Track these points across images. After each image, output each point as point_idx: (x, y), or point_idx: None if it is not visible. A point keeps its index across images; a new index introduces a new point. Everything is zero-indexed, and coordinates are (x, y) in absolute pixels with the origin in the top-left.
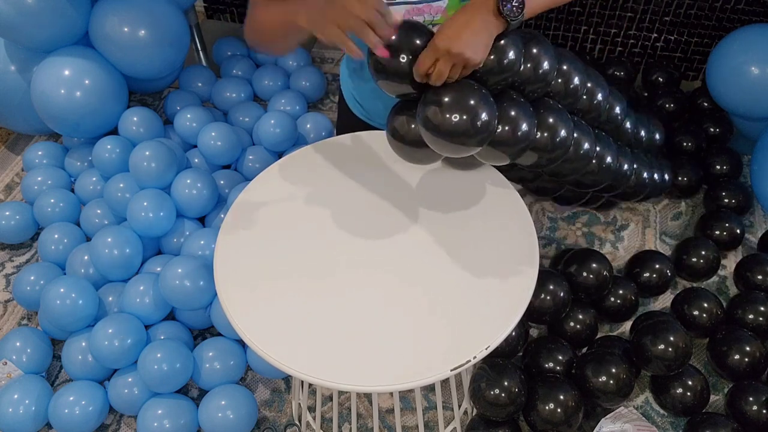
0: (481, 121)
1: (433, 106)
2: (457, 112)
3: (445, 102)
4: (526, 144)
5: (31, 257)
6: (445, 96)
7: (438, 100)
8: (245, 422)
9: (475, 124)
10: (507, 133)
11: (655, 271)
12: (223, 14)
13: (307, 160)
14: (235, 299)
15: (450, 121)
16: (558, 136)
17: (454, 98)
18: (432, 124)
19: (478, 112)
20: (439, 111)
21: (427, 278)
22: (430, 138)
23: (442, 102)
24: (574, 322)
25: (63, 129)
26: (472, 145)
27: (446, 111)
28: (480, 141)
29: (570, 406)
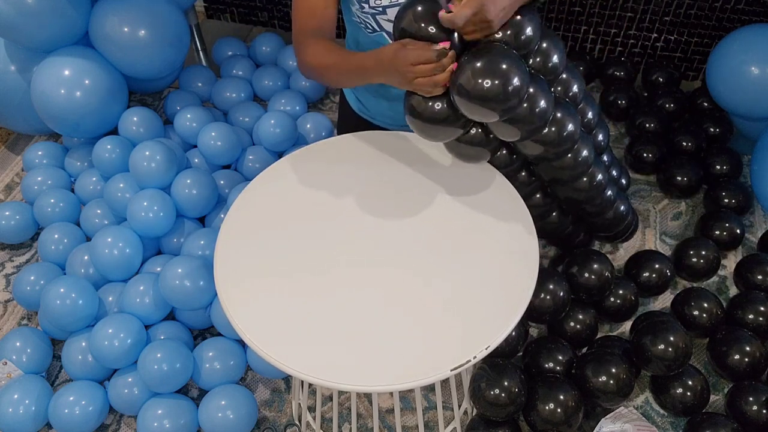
0: (513, 86)
1: (467, 71)
2: (490, 77)
3: (478, 67)
4: (542, 123)
5: (31, 257)
6: (478, 61)
7: (471, 65)
8: (245, 422)
9: (507, 89)
10: (525, 111)
11: (654, 271)
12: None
13: (307, 160)
14: (235, 299)
15: (482, 86)
16: (565, 130)
17: (487, 63)
18: (465, 89)
19: (510, 77)
20: (472, 76)
21: (427, 278)
22: (463, 104)
23: (475, 67)
24: (573, 322)
25: (63, 129)
26: (504, 110)
27: (479, 76)
28: (512, 106)
29: (570, 406)
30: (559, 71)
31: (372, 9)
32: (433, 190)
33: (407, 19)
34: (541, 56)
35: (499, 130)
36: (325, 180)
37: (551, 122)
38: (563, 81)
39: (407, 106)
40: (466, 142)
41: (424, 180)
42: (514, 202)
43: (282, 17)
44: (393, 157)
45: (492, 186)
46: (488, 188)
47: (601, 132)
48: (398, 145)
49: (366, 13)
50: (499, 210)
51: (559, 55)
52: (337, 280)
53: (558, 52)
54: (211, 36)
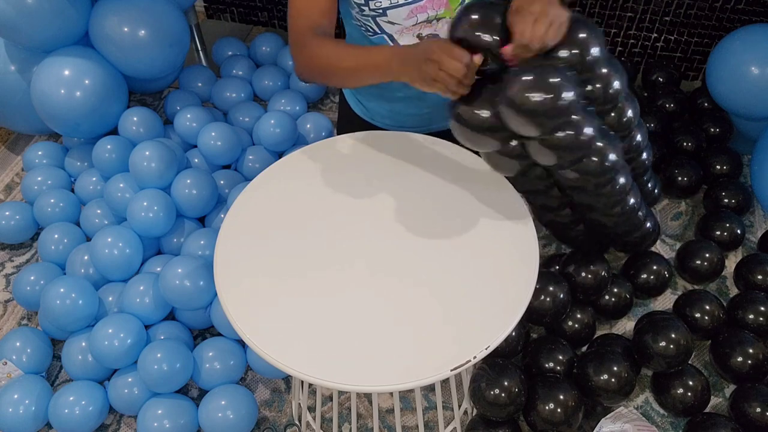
0: (562, 101)
1: (517, 84)
2: (542, 91)
3: (530, 80)
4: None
5: (31, 257)
6: (530, 74)
7: (522, 78)
8: (245, 422)
9: (556, 105)
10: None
11: (652, 273)
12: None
13: (307, 160)
14: (235, 299)
15: (531, 100)
16: (607, 160)
17: (538, 76)
18: (515, 103)
19: (560, 92)
20: (523, 89)
21: (427, 278)
22: (510, 116)
23: (526, 80)
24: (572, 322)
25: (63, 129)
26: (552, 127)
27: (530, 89)
28: (559, 124)
29: (570, 406)
30: (618, 99)
31: (372, 11)
32: (433, 190)
33: (463, 26)
34: (600, 82)
35: (538, 152)
36: (325, 180)
37: (593, 152)
38: (619, 108)
39: (453, 113)
40: (504, 154)
41: (425, 180)
42: (514, 202)
43: (282, 17)
44: (393, 157)
45: (492, 186)
46: (489, 188)
47: (646, 151)
48: (398, 146)
49: (366, 15)
50: (500, 210)
51: (620, 81)
52: (337, 280)
53: (619, 78)
54: (211, 36)
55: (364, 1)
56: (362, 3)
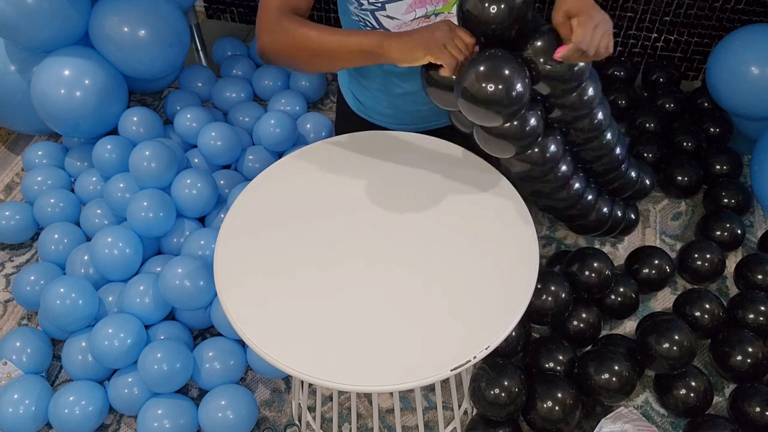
0: (516, 91)
1: (471, 75)
2: (493, 82)
3: (482, 71)
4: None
5: (31, 257)
6: (481, 65)
7: (475, 69)
8: (245, 422)
9: (510, 94)
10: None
11: (654, 267)
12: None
13: (307, 160)
14: (235, 299)
15: (486, 91)
16: (548, 152)
17: (491, 67)
18: (469, 93)
19: (513, 82)
20: (476, 80)
21: (427, 278)
22: (467, 106)
23: (479, 71)
24: (577, 321)
25: (63, 129)
26: (508, 114)
27: (483, 80)
28: (514, 112)
29: (567, 404)
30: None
31: (371, 5)
32: (433, 190)
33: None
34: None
35: (492, 145)
36: (325, 180)
37: (538, 144)
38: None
39: (425, 76)
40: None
41: (425, 180)
42: (514, 202)
43: None
44: (393, 157)
45: (492, 186)
46: (488, 188)
47: (610, 131)
48: (398, 146)
49: (365, 10)
50: (500, 210)
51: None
52: (337, 279)
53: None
54: (211, 36)
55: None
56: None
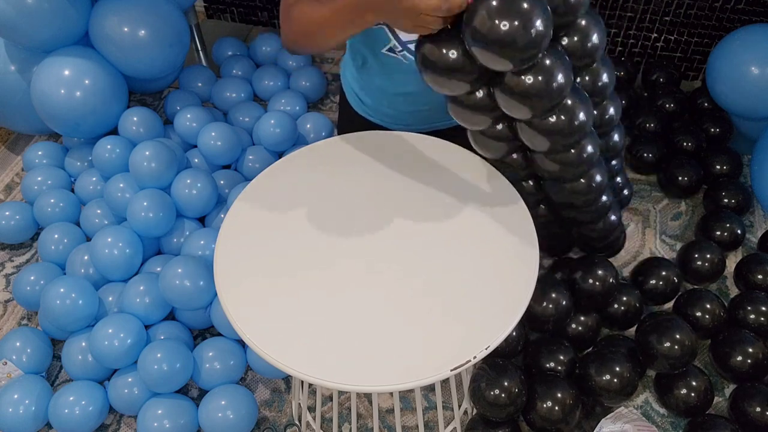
0: (536, 29)
1: (482, 12)
2: (509, 18)
3: (495, 6)
4: (559, 100)
5: (31, 257)
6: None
7: (487, 4)
8: (245, 422)
9: (529, 32)
10: (541, 84)
11: (661, 279)
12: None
13: (307, 160)
14: (235, 299)
15: (499, 29)
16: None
17: (505, 2)
18: (480, 33)
19: (532, 18)
20: (488, 17)
21: (427, 278)
22: (479, 50)
23: (491, 6)
24: (576, 325)
25: (63, 129)
26: (525, 58)
27: (496, 16)
28: (533, 54)
29: (567, 404)
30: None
31: None
32: (433, 191)
33: None
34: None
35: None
36: (326, 180)
37: (562, 109)
38: (594, 69)
39: (418, 55)
40: (491, 137)
41: (425, 181)
42: (514, 203)
43: None
44: (394, 157)
45: (492, 187)
46: (489, 189)
47: (617, 133)
48: (399, 146)
49: None
50: (500, 210)
51: (599, 37)
52: (337, 280)
53: (599, 32)
54: (211, 36)
55: None
56: None
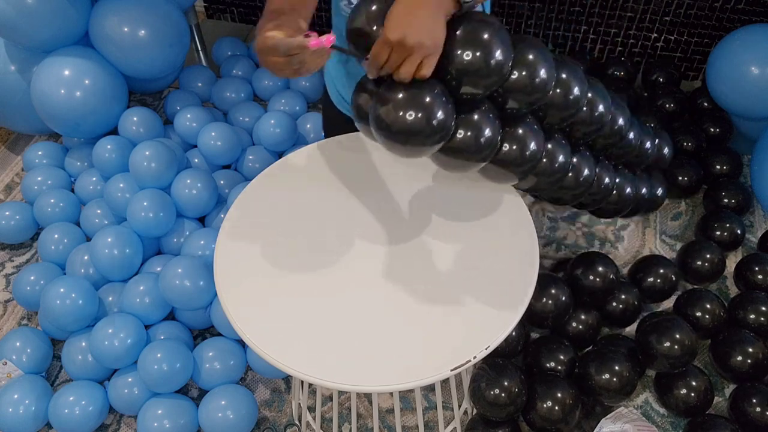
0: (437, 120)
1: (386, 104)
2: (412, 110)
3: (399, 99)
4: (533, 164)
5: (31, 257)
6: (398, 92)
7: (391, 97)
8: (245, 422)
9: (431, 123)
10: (515, 152)
11: (659, 276)
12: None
13: (307, 160)
14: (235, 299)
15: (404, 120)
16: (528, 149)
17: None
18: (384, 123)
19: (433, 110)
20: (392, 109)
21: (427, 278)
22: (383, 140)
23: (395, 99)
24: (576, 323)
25: (63, 129)
26: (428, 146)
27: (399, 109)
28: (435, 142)
29: (567, 404)
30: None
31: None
32: (433, 190)
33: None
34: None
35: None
36: (326, 180)
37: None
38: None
39: (354, 106)
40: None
41: (425, 181)
42: (514, 201)
43: None
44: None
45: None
46: (488, 188)
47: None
48: None
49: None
50: (499, 210)
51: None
52: (337, 279)
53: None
54: (211, 36)
55: None
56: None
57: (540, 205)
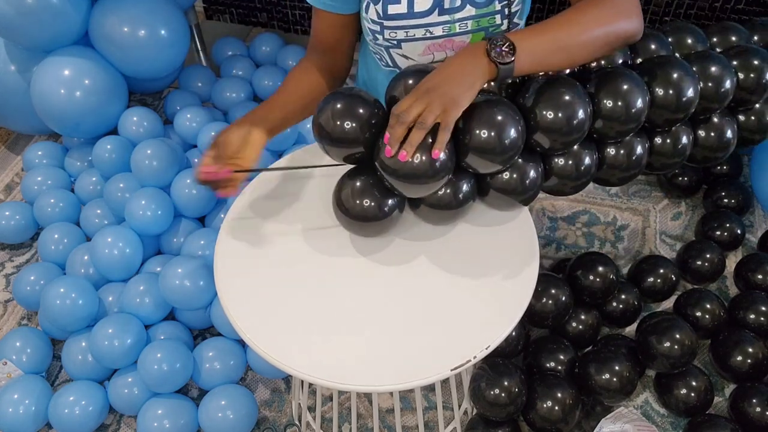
0: (441, 161)
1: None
2: (418, 152)
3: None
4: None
5: (31, 257)
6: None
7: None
8: (245, 422)
9: (434, 165)
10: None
11: (659, 276)
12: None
13: (308, 159)
14: (235, 299)
15: (410, 163)
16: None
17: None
18: (390, 168)
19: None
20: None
21: (427, 278)
22: (392, 181)
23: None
24: (576, 323)
25: (63, 129)
26: (434, 185)
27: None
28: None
29: (567, 404)
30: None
31: (386, 41)
32: None
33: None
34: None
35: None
36: (326, 180)
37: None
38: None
39: (334, 198)
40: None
41: None
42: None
43: (281, 18)
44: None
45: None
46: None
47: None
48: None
49: (379, 45)
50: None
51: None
52: (337, 279)
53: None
54: (211, 36)
55: (379, 29)
56: (377, 30)
57: (540, 205)
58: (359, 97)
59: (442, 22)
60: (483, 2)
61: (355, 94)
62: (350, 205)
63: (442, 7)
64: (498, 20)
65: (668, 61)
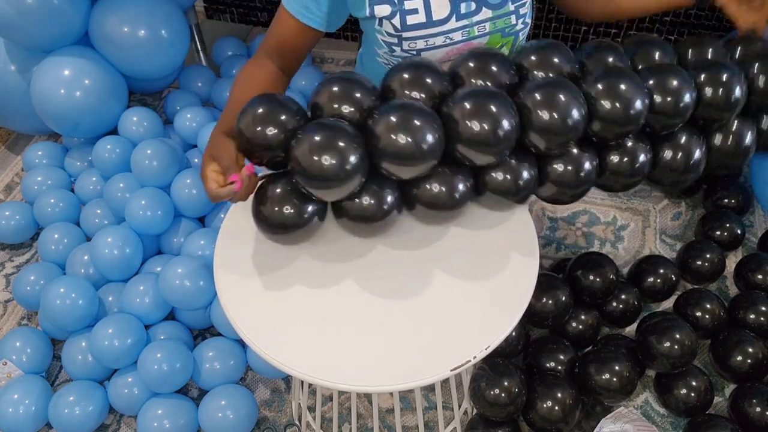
0: (351, 164)
1: (303, 147)
2: (327, 154)
3: (315, 143)
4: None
5: (31, 257)
6: (315, 136)
7: (307, 141)
8: (245, 422)
9: (344, 167)
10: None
11: (659, 276)
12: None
13: None
14: (235, 299)
15: (320, 164)
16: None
17: (323, 139)
18: (301, 167)
19: (346, 155)
20: (308, 153)
21: (427, 278)
22: (306, 183)
23: (311, 143)
24: (576, 323)
25: (63, 129)
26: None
27: (315, 153)
28: (352, 184)
29: (567, 404)
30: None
31: (404, 52)
32: None
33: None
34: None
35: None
36: None
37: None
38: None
39: (253, 209)
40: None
41: None
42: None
43: None
44: None
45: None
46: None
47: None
48: None
49: (396, 57)
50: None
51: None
52: (337, 280)
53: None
54: (211, 36)
55: (396, 41)
56: (394, 43)
57: (540, 205)
58: (278, 101)
59: (460, 27)
60: (497, 4)
61: (276, 98)
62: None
63: (459, 13)
64: (513, 20)
65: (668, 68)
